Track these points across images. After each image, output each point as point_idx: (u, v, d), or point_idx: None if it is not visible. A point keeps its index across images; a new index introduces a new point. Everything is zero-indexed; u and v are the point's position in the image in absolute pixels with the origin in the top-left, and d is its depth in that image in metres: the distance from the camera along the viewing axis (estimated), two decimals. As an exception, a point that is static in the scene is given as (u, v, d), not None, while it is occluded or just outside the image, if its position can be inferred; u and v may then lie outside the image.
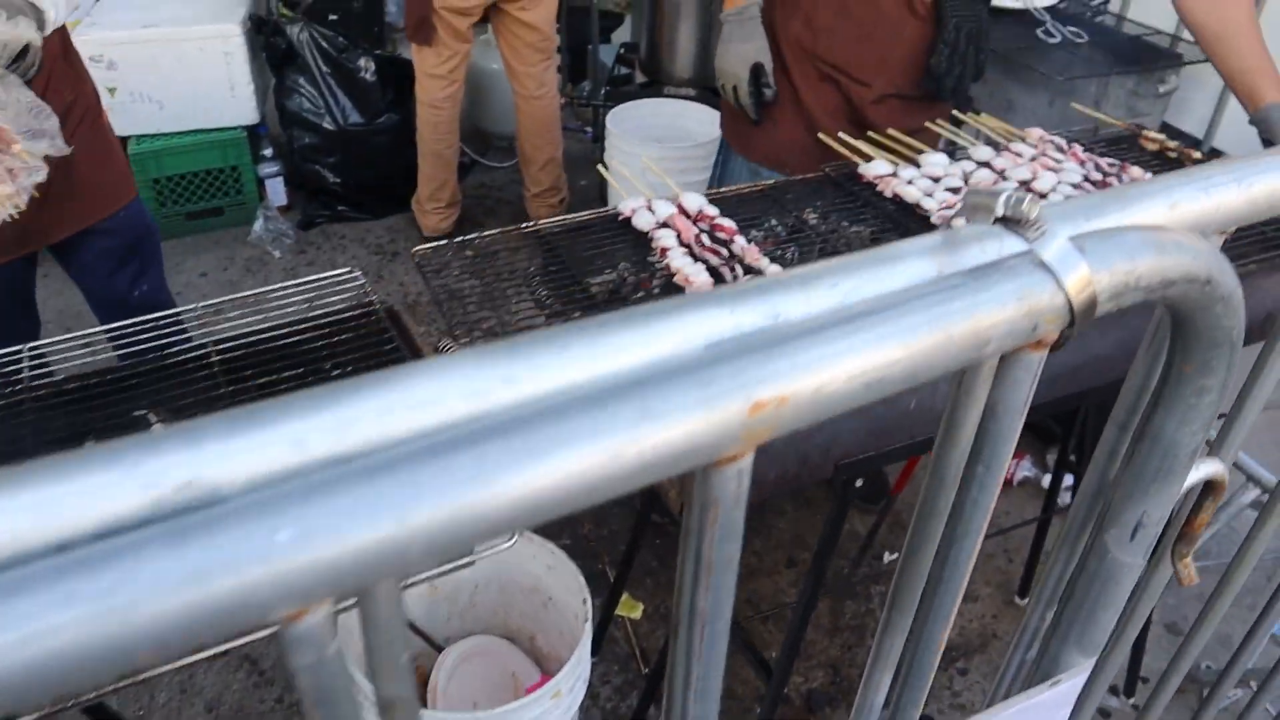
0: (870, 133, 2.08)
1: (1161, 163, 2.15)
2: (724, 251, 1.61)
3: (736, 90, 2.11)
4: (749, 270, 1.59)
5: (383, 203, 4.39)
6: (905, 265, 0.58)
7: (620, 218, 1.75)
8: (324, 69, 4.07)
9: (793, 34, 2.17)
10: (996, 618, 2.80)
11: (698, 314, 0.51)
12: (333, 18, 5.63)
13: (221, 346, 1.33)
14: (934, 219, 1.79)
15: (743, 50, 2.08)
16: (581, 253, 1.71)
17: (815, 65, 2.17)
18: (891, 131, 2.09)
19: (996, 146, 2.07)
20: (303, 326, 1.36)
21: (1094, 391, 1.85)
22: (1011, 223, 0.57)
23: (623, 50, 4.58)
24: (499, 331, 1.50)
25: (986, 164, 1.99)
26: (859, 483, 1.64)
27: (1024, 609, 1.16)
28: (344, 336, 1.36)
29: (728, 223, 1.67)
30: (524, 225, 1.75)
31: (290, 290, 1.44)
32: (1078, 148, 2.05)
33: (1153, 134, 2.20)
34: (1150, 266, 0.60)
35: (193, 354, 1.32)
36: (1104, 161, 2.00)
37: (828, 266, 0.57)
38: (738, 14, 2.08)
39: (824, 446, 1.53)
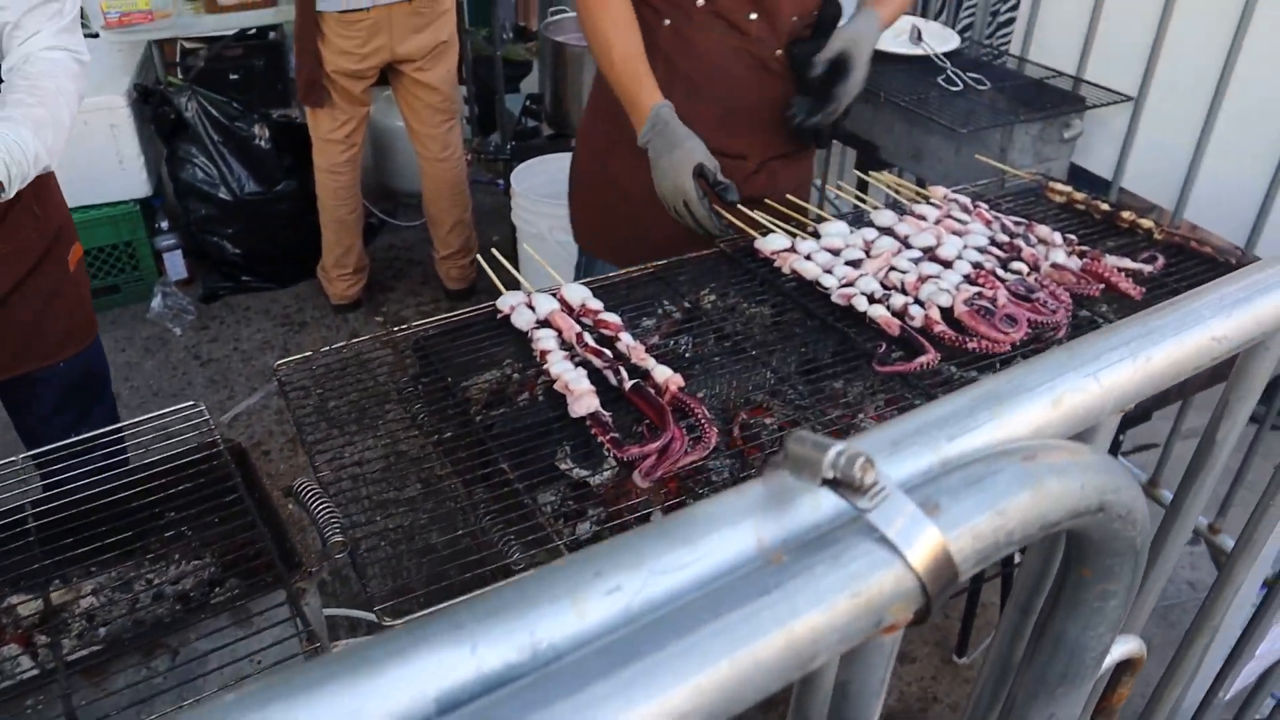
0: (768, 201, 1.98)
1: (1070, 215, 2.08)
2: (608, 352, 1.50)
3: (690, 208, 1.84)
4: (635, 372, 1.48)
5: (288, 270, 4.22)
6: (718, 538, 0.46)
7: (499, 315, 1.63)
8: (216, 138, 3.91)
9: None
10: (935, 679, 2.71)
11: (425, 657, 0.39)
12: (232, 77, 5.49)
13: (40, 509, 1.18)
14: (834, 297, 1.69)
15: (675, 161, 1.83)
16: (460, 357, 1.59)
17: None
18: (790, 197, 2.00)
19: (900, 209, 1.98)
20: (137, 478, 1.22)
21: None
22: (842, 485, 0.46)
23: (528, 102, 4.47)
24: (362, 464, 1.36)
25: (889, 230, 1.90)
26: None
27: (962, 669, 1.05)
28: (183, 486, 1.22)
29: (612, 318, 1.56)
30: (395, 329, 1.62)
31: (126, 431, 1.30)
32: (983, 207, 1.98)
33: (1059, 186, 2.13)
34: (1025, 513, 0.49)
35: (6, 519, 1.17)
36: (1010, 221, 1.92)
37: (612, 550, 0.45)
38: (651, 127, 1.86)
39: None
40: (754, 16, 1.97)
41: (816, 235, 1.88)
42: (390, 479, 1.35)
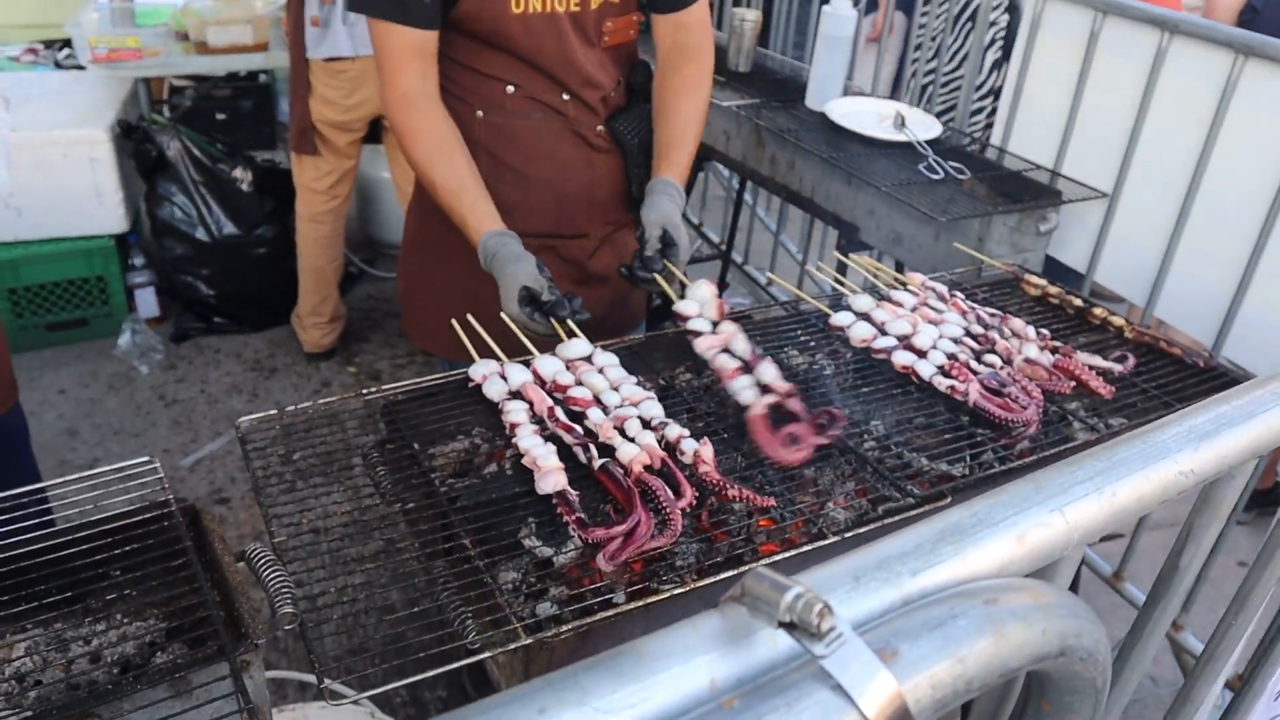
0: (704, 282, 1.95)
1: (1044, 308, 2.10)
2: (578, 428, 1.48)
3: (526, 326, 1.76)
4: (604, 450, 1.46)
5: (262, 315, 4.19)
6: (669, 676, 0.44)
7: (471, 384, 1.61)
8: (197, 178, 3.90)
9: None
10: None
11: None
12: (220, 116, 5.50)
13: (-19, 563, 1.14)
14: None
15: (503, 288, 1.77)
16: (428, 424, 1.57)
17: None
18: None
19: (878, 294, 1.99)
20: (82, 535, 1.18)
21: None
22: (798, 629, 0.44)
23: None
24: (321, 528, 1.34)
25: (865, 315, 1.90)
26: None
27: None
28: (130, 547, 1.18)
29: (582, 394, 1.55)
30: (365, 392, 1.60)
31: (74, 485, 1.27)
32: (959, 297, 1.99)
33: (1034, 279, 2.15)
34: (985, 660, 0.48)
35: (-54, 572, 1.13)
36: (985, 313, 1.93)
37: (557, 685, 0.43)
38: (485, 258, 1.81)
39: (686, 648, 1.40)
40: (566, 97, 1.98)
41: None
42: (349, 545, 1.32)
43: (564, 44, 1.90)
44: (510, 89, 1.94)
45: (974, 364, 1.77)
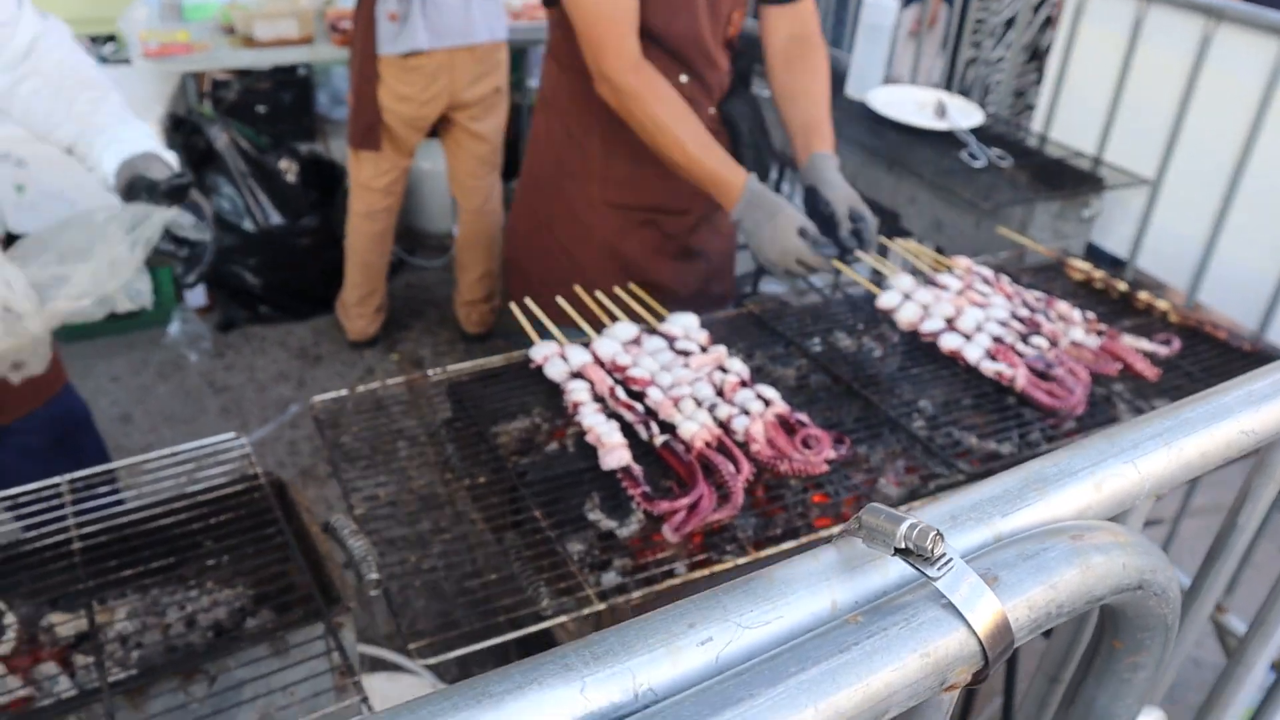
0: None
1: (1088, 293, 2.13)
2: (639, 407, 1.54)
3: (803, 262, 1.88)
4: (664, 426, 1.51)
5: (306, 304, 4.27)
6: (795, 599, 0.50)
7: (532, 365, 1.67)
8: (244, 169, 3.98)
9: (592, 193, 2.12)
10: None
11: (539, 694, 0.42)
12: (260, 109, 5.58)
13: (85, 531, 1.21)
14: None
15: (778, 226, 1.87)
16: (491, 403, 1.63)
17: (626, 214, 2.12)
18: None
19: (921, 275, 2.03)
20: (178, 506, 1.25)
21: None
22: (912, 555, 0.49)
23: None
24: (397, 501, 1.40)
25: (907, 296, 1.94)
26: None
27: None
28: (223, 517, 1.25)
29: (641, 374, 1.60)
30: (430, 373, 1.66)
31: (167, 460, 1.33)
32: (1005, 280, 2.02)
33: (1078, 264, 2.18)
34: (1073, 587, 0.53)
35: (52, 539, 1.20)
36: (1031, 296, 1.97)
37: (702, 604, 0.49)
38: (746, 202, 1.90)
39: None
40: (685, 79, 2.06)
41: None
42: (423, 519, 1.38)
43: (695, 24, 1.99)
44: None
45: (1020, 346, 1.81)
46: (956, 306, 1.91)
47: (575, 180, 2.12)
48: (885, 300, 1.92)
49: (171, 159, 1.67)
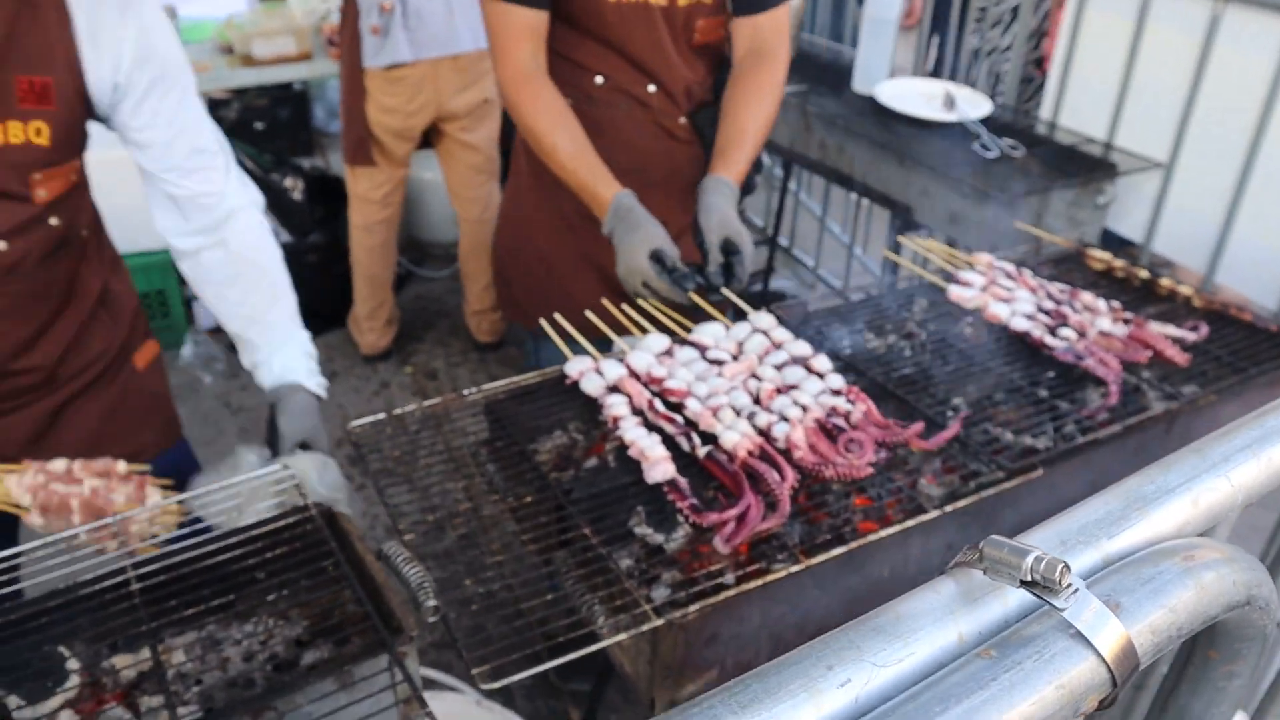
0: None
1: (1110, 282, 2.13)
2: (678, 418, 1.54)
3: (649, 286, 1.87)
4: (706, 437, 1.52)
5: (318, 320, 4.27)
6: (923, 634, 0.50)
7: (568, 380, 1.67)
8: (251, 190, 3.98)
9: (565, 205, 2.10)
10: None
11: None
12: (259, 126, 5.58)
13: (141, 571, 1.21)
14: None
15: (633, 244, 1.87)
16: (528, 421, 1.63)
17: (599, 225, 2.06)
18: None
19: (945, 275, 2.04)
20: (232, 541, 1.25)
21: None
22: (1037, 585, 0.50)
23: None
24: (447, 525, 1.40)
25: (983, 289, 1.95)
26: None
27: None
28: (279, 550, 1.25)
29: (678, 385, 1.60)
30: (466, 392, 1.66)
31: (216, 493, 1.34)
32: (1027, 274, 2.03)
33: (1097, 253, 2.19)
34: (1190, 608, 0.53)
35: (110, 579, 1.20)
36: (1055, 288, 1.98)
37: (835, 645, 0.49)
38: (614, 215, 1.91)
39: (797, 624, 1.45)
40: (653, 89, 2.05)
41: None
42: (472, 541, 1.39)
43: (654, 34, 1.98)
44: (599, 79, 2.03)
45: (1049, 339, 1.81)
46: (982, 302, 1.92)
47: (552, 191, 2.10)
48: (957, 292, 1.94)
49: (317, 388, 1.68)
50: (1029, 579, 0.49)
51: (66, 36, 1.37)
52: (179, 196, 1.59)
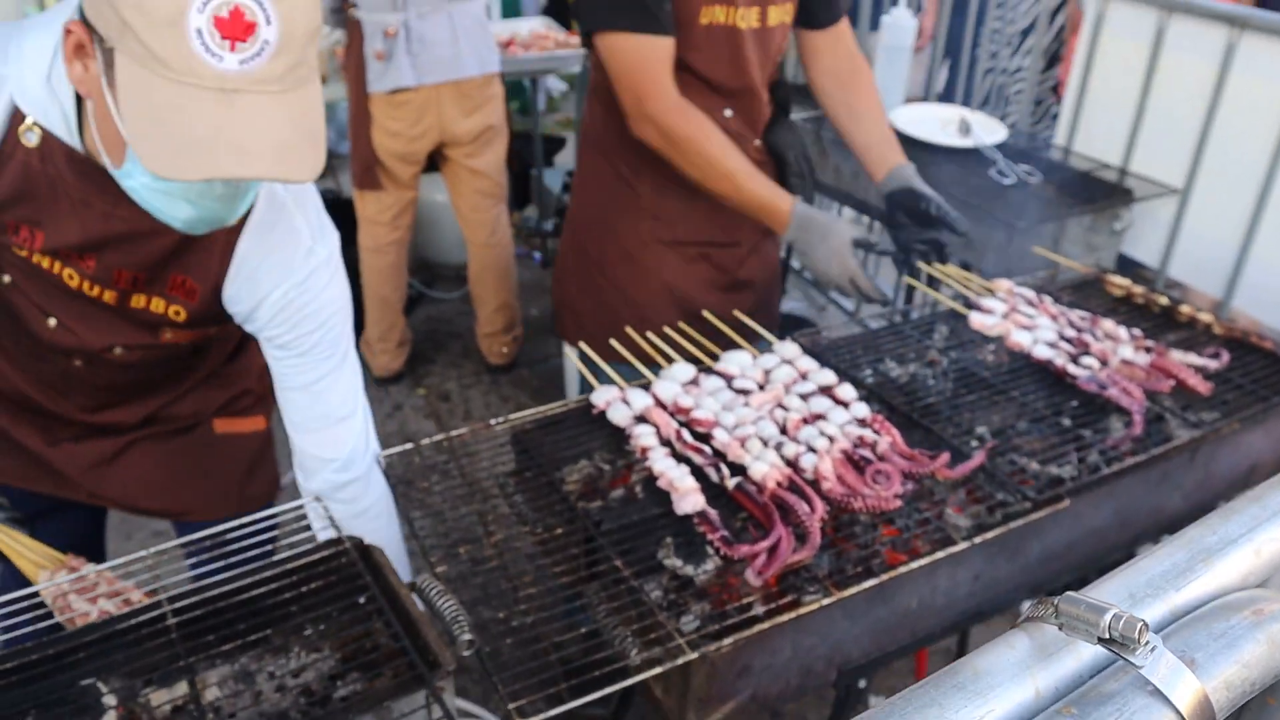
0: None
1: (1129, 309, 2.14)
2: (706, 449, 1.54)
3: (856, 284, 1.92)
4: (734, 469, 1.52)
5: (330, 343, 4.28)
6: (1002, 690, 0.51)
7: (594, 411, 1.68)
8: (266, 213, 3.99)
9: (645, 232, 2.13)
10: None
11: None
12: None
13: (178, 605, 1.22)
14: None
15: (833, 246, 1.90)
16: (555, 451, 1.63)
17: (680, 250, 2.14)
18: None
19: (965, 302, 2.04)
20: (267, 575, 1.26)
21: (1088, 564, 1.79)
22: (1114, 642, 0.50)
23: (568, 179, 4.57)
24: (478, 557, 1.41)
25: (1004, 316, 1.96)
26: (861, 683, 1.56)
27: None
28: (314, 585, 1.26)
29: (706, 415, 1.61)
30: (494, 421, 1.67)
31: (248, 526, 1.34)
32: (1048, 301, 2.03)
33: (1117, 279, 2.19)
34: (1263, 663, 0.54)
35: (147, 614, 1.21)
36: (1075, 315, 1.98)
37: (916, 704, 0.50)
38: (797, 225, 1.92)
39: (826, 656, 1.45)
40: (729, 113, 2.07)
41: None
42: (503, 572, 1.39)
43: (739, 58, 2.00)
44: None
45: (1071, 367, 1.82)
46: (1003, 330, 1.92)
47: (627, 219, 2.13)
48: (979, 320, 1.96)
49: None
50: (1107, 636, 0.50)
51: (224, 262, 1.39)
52: (303, 453, 1.56)
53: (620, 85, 1.94)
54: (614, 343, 1.85)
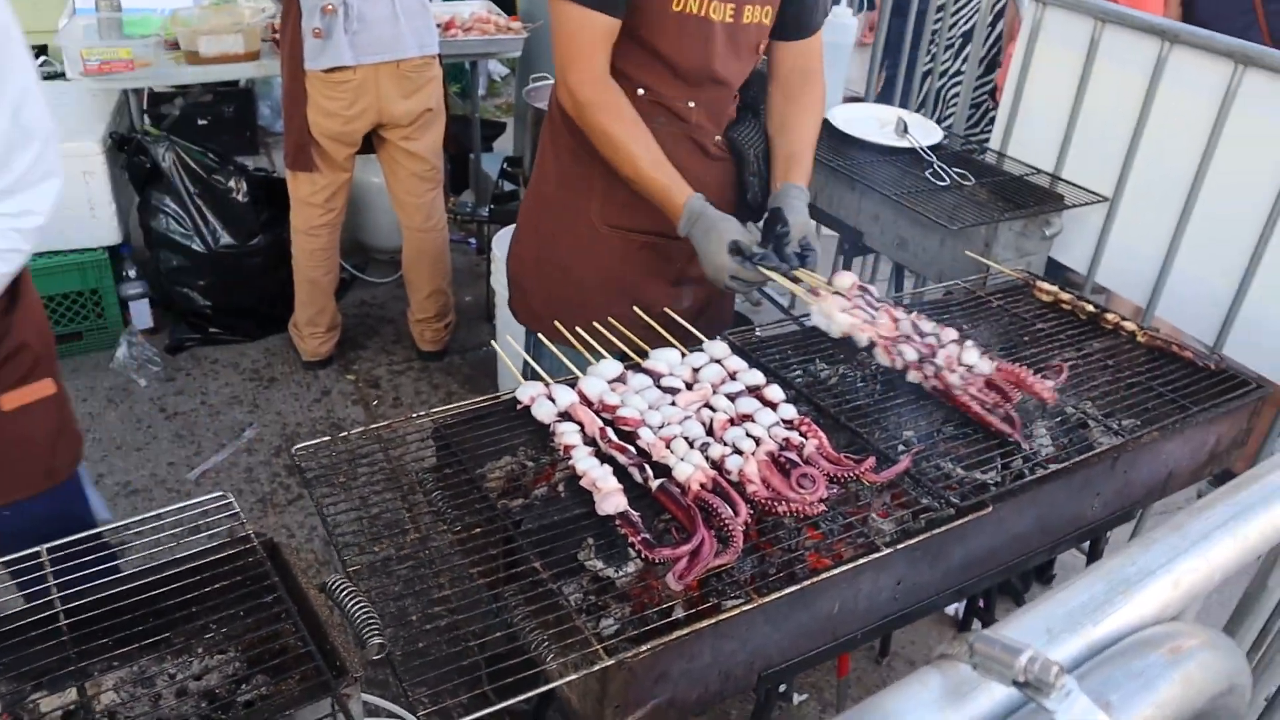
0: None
1: (1056, 314, 2.16)
2: (630, 449, 1.52)
3: (737, 278, 1.89)
4: (658, 469, 1.50)
5: (258, 325, 4.18)
6: (908, 734, 0.49)
7: (519, 406, 1.64)
8: (192, 189, 3.88)
9: (593, 212, 2.13)
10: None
11: None
12: (203, 123, 5.46)
13: (71, 605, 1.16)
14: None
15: (712, 243, 1.88)
16: (478, 446, 1.60)
17: (625, 237, 2.13)
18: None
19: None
20: (170, 574, 1.21)
21: (1009, 569, 1.81)
22: (1029, 686, 0.49)
23: (506, 165, 4.51)
24: (396, 555, 1.37)
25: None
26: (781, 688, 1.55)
27: None
28: (218, 584, 1.21)
29: (631, 414, 1.58)
30: (415, 415, 1.63)
31: (151, 523, 1.29)
32: (888, 303, 1.89)
33: (1045, 285, 2.21)
34: (1178, 703, 0.53)
35: (38, 613, 1.15)
36: (923, 319, 1.88)
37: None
38: (688, 220, 1.92)
39: (747, 660, 1.44)
40: (692, 104, 2.07)
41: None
42: (418, 572, 1.35)
43: (708, 49, 1.98)
44: (641, 92, 2.02)
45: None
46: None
47: (578, 199, 2.12)
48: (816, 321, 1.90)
49: None
50: (1022, 679, 0.48)
51: None
52: None
53: (555, 51, 1.96)
54: (558, 324, 1.83)
